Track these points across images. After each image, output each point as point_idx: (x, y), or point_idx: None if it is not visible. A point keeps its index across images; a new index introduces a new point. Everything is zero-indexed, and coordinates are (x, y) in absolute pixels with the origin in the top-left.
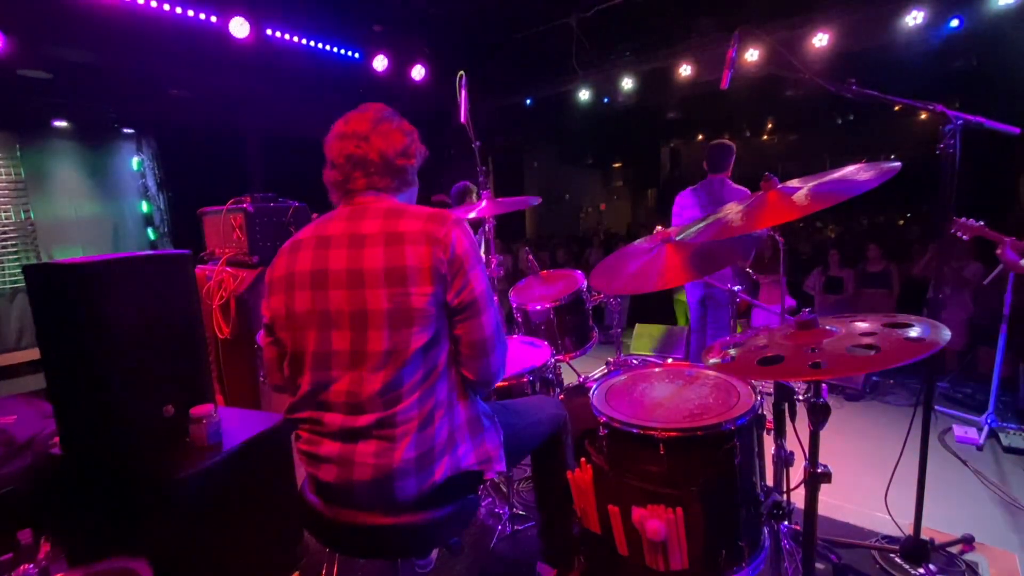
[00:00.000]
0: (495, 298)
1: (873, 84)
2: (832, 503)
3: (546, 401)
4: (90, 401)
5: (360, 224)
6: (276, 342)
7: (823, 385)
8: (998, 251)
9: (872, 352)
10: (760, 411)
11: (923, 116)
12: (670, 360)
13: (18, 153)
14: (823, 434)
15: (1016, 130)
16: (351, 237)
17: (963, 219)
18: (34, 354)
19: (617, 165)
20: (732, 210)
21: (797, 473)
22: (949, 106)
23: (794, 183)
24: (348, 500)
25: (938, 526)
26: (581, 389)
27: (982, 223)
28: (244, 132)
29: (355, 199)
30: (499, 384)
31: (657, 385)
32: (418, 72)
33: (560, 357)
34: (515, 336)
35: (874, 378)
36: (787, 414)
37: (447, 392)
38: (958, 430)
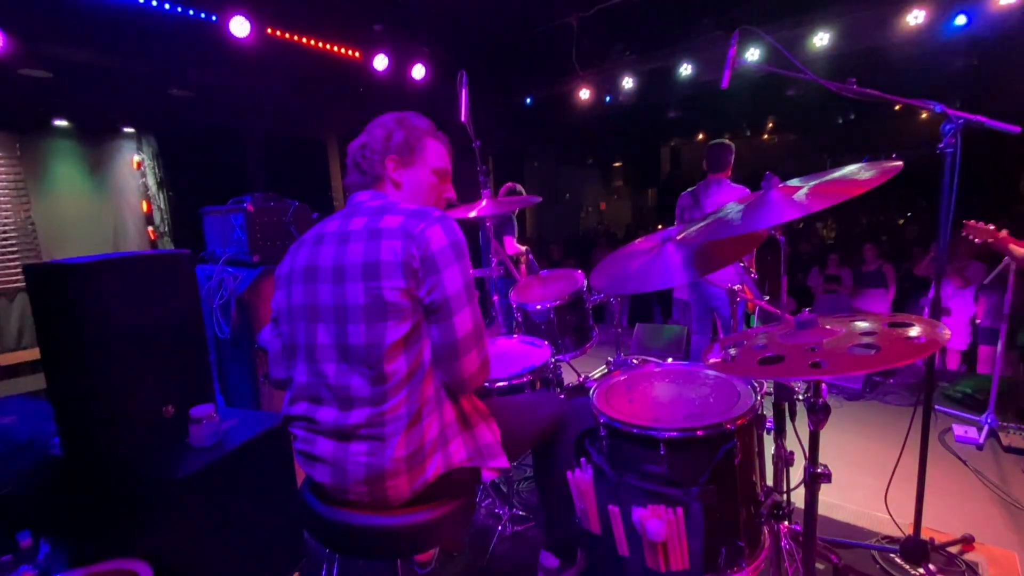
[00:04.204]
0: (474, 300)
1: (873, 84)
2: (832, 503)
3: (546, 397)
4: (90, 401)
5: (350, 221)
6: (280, 335)
7: (823, 385)
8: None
9: (872, 352)
10: (760, 411)
11: (924, 116)
12: (670, 360)
13: (18, 153)
14: (823, 434)
15: (1017, 129)
16: (340, 234)
17: (974, 222)
18: (34, 354)
19: (617, 165)
20: (732, 210)
21: (797, 473)
22: (949, 106)
23: (795, 183)
24: (344, 500)
25: (938, 526)
26: (581, 389)
27: (992, 227)
28: (244, 132)
29: (358, 196)
30: (499, 384)
31: (657, 385)
32: (418, 72)
33: (560, 357)
34: (515, 336)
35: (874, 378)
36: (787, 414)
37: (435, 389)
38: (958, 430)
